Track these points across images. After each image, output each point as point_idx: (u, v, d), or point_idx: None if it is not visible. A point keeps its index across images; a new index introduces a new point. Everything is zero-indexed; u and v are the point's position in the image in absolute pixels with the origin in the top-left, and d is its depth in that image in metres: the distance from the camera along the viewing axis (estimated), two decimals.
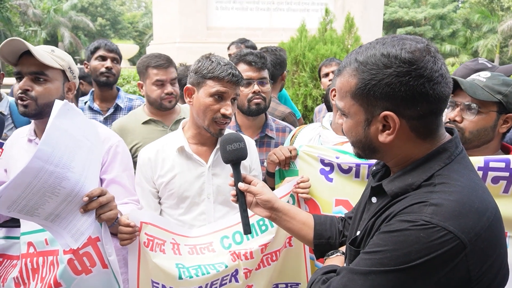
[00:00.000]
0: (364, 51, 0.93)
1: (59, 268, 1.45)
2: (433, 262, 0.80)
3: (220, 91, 1.64)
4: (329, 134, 1.95)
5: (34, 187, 1.18)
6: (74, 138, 1.29)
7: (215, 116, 1.66)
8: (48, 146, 1.18)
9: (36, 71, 1.58)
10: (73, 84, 1.73)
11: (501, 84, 1.51)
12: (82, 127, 1.37)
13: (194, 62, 1.75)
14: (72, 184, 1.27)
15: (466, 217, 0.82)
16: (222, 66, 1.64)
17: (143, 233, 1.49)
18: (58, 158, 1.21)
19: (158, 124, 2.40)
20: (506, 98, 1.49)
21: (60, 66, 1.64)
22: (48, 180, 1.20)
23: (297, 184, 1.73)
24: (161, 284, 1.50)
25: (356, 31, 5.62)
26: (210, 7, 10.67)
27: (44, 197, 1.22)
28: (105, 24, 37.33)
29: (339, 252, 1.29)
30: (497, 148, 1.60)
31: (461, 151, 0.96)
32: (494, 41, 25.08)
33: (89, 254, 1.47)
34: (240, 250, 1.59)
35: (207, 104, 1.65)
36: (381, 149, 0.98)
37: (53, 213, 1.28)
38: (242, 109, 2.16)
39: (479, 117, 1.51)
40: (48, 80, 1.61)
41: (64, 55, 1.69)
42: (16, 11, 25.38)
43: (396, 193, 0.94)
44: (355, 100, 0.95)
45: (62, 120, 1.25)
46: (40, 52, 1.59)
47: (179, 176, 1.72)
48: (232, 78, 1.64)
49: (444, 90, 0.90)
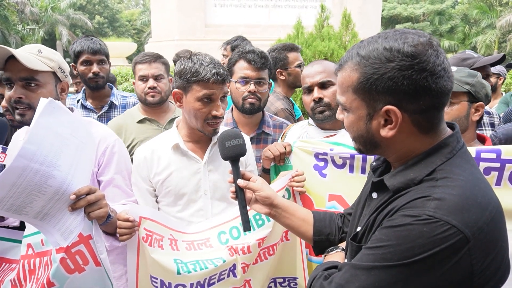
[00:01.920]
0: (366, 45, 0.93)
1: (52, 267, 1.44)
2: (436, 256, 0.79)
3: (207, 94, 1.62)
4: (314, 130, 1.98)
5: (19, 186, 1.17)
6: (60, 136, 1.28)
7: (206, 118, 1.66)
8: (32, 145, 1.17)
9: (25, 76, 1.51)
10: (66, 84, 1.67)
11: (467, 75, 1.63)
12: (69, 125, 1.34)
13: (177, 64, 1.72)
14: (58, 183, 1.25)
15: (469, 211, 0.81)
16: (205, 67, 1.60)
17: (142, 228, 1.49)
18: (43, 157, 1.19)
19: (152, 122, 2.42)
20: (473, 88, 1.60)
21: (50, 68, 1.57)
22: (34, 178, 1.19)
23: (292, 178, 1.73)
24: (160, 279, 1.50)
25: (353, 27, 5.60)
26: (208, 5, 10.65)
27: (30, 196, 1.21)
28: (103, 22, 37.21)
29: (339, 248, 1.28)
30: (473, 137, 1.68)
31: (462, 145, 0.95)
32: (493, 36, 25.07)
33: (82, 252, 1.46)
34: (238, 245, 1.60)
35: (197, 108, 1.64)
36: (383, 144, 0.97)
37: (42, 212, 1.28)
38: (237, 106, 2.16)
39: (452, 108, 1.61)
40: (40, 85, 1.54)
41: (53, 55, 1.61)
42: (13, 10, 25.28)
43: (398, 188, 0.93)
44: (356, 94, 0.94)
45: (47, 119, 1.23)
46: (26, 56, 1.51)
47: (175, 173, 1.72)
48: (218, 77, 1.60)
49: (447, 84, 0.89)
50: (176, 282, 1.50)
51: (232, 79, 2.16)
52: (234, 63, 2.16)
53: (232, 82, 2.15)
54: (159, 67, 2.40)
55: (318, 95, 1.86)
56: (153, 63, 2.39)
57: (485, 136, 1.74)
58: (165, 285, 1.50)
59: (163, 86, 2.40)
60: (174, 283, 1.50)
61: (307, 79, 1.92)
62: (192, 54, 1.69)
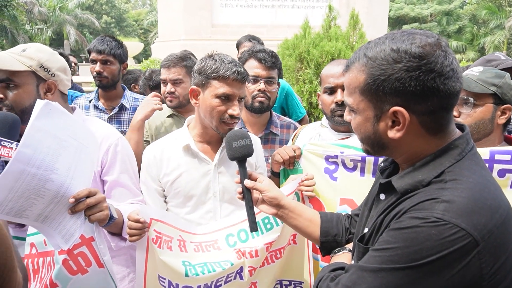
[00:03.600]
0: (373, 46, 0.92)
1: (54, 268, 1.44)
2: (444, 259, 0.78)
3: (226, 93, 1.61)
4: (328, 132, 1.95)
5: (17, 190, 1.16)
6: (57, 139, 1.25)
7: (223, 117, 1.64)
8: (28, 148, 1.15)
9: (2, 78, 1.47)
10: (53, 84, 1.57)
11: (494, 76, 1.55)
12: (67, 127, 1.31)
13: (197, 62, 1.72)
14: (57, 186, 1.24)
15: (479, 214, 0.80)
16: (226, 65, 1.60)
17: (152, 229, 1.48)
18: (40, 160, 1.18)
19: (180, 118, 2.50)
20: (500, 89, 1.52)
21: (27, 67, 1.48)
22: (31, 182, 1.18)
23: (301, 182, 1.72)
24: (168, 279, 1.50)
25: (361, 27, 5.58)
26: (215, 5, 10.66)
27: (29, 199, 1.20)
28: (110, 22, 37.44)
29: (345, 249, 1.28)
30: (500, 140, 1.61)
31: (472, 147, 0.94)
32: (501, 37, 24.80)
33: (84, 254, 1.45)
34: (245, 248, 1.59)
35: (214, 105, 1.62)
36: (391, 145, 0.96)
37: (42, 215, 1.27)
38: (246, 105, 2.15)
39: (475, 110, 1.55)
40: (17, 85, 1.49)
41: (36, 53, 1.52)
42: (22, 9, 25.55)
43: (406, 190, 0.92)
44: (364, 96, 0.93)
45: (43, 121, 1.21)
46: (2, 56, 1.47)
47: (185, 174, 1.71)
48: (238, 76, 1.60)
49: (455, 85, 0.88)
50: (183, 284, 1.50)
51: None
52: (244, 62, 2.15)
53: None
54: (178, 71, 2.41)
55: (342, 98, 1.78)
56: (172, 68, 2.40)
57: None
58: (173, 285, 1.51)
59: (181, 90, 2.41)
60: (181, 285, 1.50)
61: (331, 79, 1.83)
62: (214, 53, 1.69)
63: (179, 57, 2.44)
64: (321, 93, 1.92)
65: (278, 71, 2.18)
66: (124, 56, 2.76)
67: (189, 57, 2.48)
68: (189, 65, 2.43)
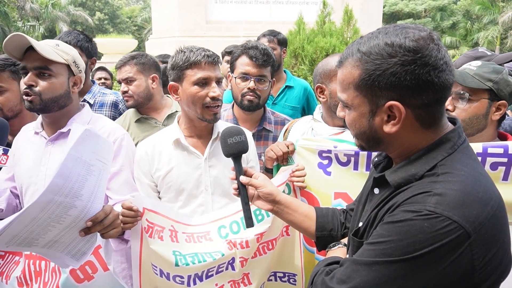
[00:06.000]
0: (366, 41, 0.92)
1: (61, 277, 1.45)
2: (437, 251, 0.80)
3: (201, 77, 1.65)
4: (321, 126, 1.94)
5: (39, 219, 1.15)
6: (86, 164, 1.23)
7: (205, 101, 1.67)
8: (61, 179, 1.13)
9: (40, 65, 1.57)
10: (79, 79, 1.71)
11: (491, 71, 1.53)
12: (96, 150, 1.29)
13: (168, 61, 1.76)
14: (78, 211, 1.24)
15: (470, 207, 0.82)
16: (195, 52, 1.67)
17: (145, 219, 1.50)
18: (68, 189, 1.16)
19: (150, 120, 2.42)
20: (496, 85, 1.51)
21: (65, 60, 1.62)
22: (56, 210, 1.16)
23: (292, 173, 1.72)
24: (159, 268, 1.52)
25: (355, 23, 5.58)
26: (209, 1, 10.60)
27: (47, 227, 1.19)
28: (104, 18, 37.11)
29: (341, 244, 1.29)
30: (494, 136, 1.61)
31: (463, 140, 0.95)
32: (495, 32, 24.93)
33: (91, 262, 1.48)
34: (236, 239, 1.61)
35: (194, 92, 1.66)
36: (386, 140, 0.97)
37: (53, 240, 1.26)
38: (236, 102, 2.15)
39: (470, 105, 1.54)
40: (52, 75, 1.59)
41: (69, 49, 1.67)
42: (13, 6, 25.23)
43: (399, 184, 0.93)
44: (358, 91, 0.94)
45: (78, 148, 1.19)
46: (44, 46, 1.57)
47: (176, 168, 1.73)
48: (208, 59, 1.66)
49: (449, 78, 0.90)
50: (174, 273, 1.52)
51: (233, 74, 2.15)
52: (236, 58, 2.14)
53: (233, 77, 2.13)
54: (128, 69, 2.36)
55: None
56: (123, 67, 2.38)
57: (507, 134, 1.66)
58: (164, 274, 1.53)
59: (134, 88, 2.36)
60: (172, 274, 1.52)
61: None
62: (181, 47, 1.74)
63: (130, 56, 2.42)
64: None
65: (272, 68, 2.16)
66: (92, 51, 2.66)
67: (141, 55, 2.43)
68: (140, 62, 2.39)
